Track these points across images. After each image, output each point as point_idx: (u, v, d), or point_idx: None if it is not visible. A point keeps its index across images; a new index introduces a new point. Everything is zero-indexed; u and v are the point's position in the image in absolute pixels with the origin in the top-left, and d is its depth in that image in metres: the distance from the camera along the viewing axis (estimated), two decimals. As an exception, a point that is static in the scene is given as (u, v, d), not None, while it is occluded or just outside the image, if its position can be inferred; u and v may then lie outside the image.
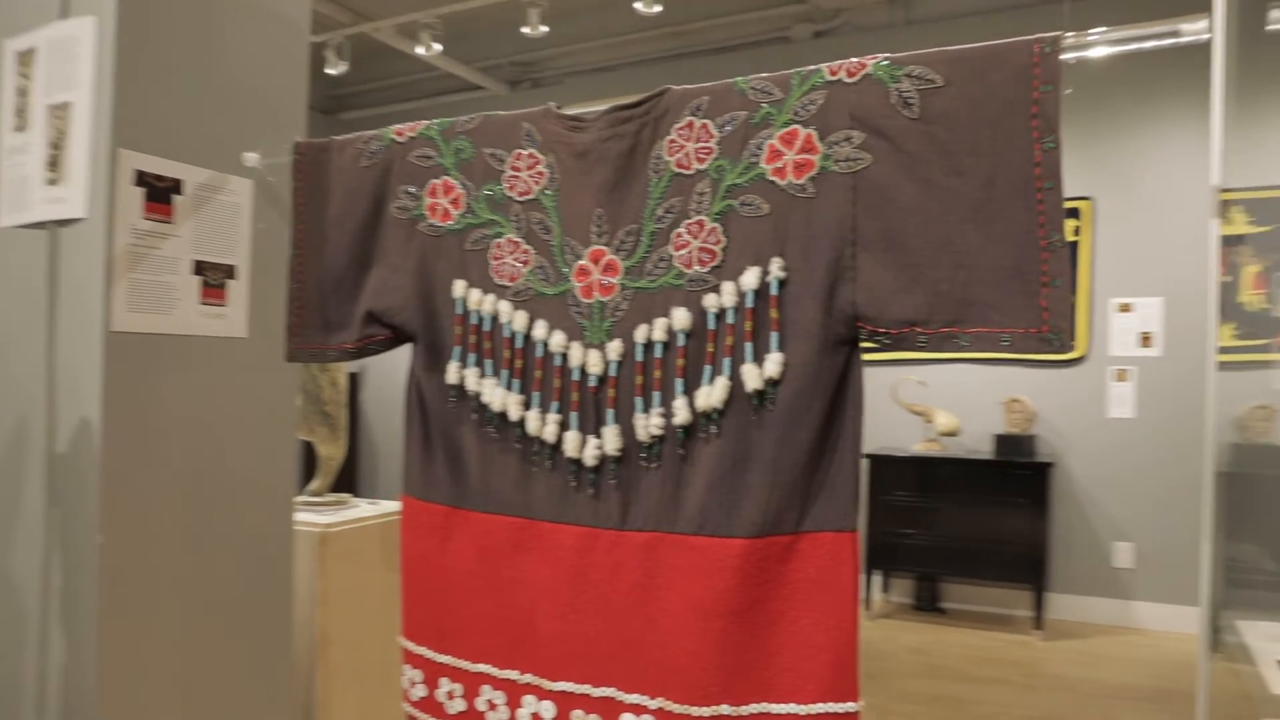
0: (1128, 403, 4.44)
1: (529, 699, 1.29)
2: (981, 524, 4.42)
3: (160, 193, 1.42)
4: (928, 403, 4.75)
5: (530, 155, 1.30)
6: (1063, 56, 1.01)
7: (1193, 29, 0.97)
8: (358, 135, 1.43)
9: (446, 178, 1.36)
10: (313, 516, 1.82)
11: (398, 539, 1.88)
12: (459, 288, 1.34)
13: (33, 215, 1.34)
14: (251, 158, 1.55)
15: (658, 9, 4.45)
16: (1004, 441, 4.53)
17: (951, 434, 4.60)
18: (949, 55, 1.06)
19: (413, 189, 1.38)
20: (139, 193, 1.39)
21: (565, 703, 1.26)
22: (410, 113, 6.23)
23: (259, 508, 1.57)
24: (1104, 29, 1.01)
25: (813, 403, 1.12)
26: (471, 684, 1.33)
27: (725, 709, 1.16)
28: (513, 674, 1.30)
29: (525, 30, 4.69)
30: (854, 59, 1.12)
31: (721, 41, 5.43)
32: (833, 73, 1.12)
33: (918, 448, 4.70)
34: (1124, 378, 4.47)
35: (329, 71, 5.09)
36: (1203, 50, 1.06)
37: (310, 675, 1.66)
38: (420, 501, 1.39)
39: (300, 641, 1.70)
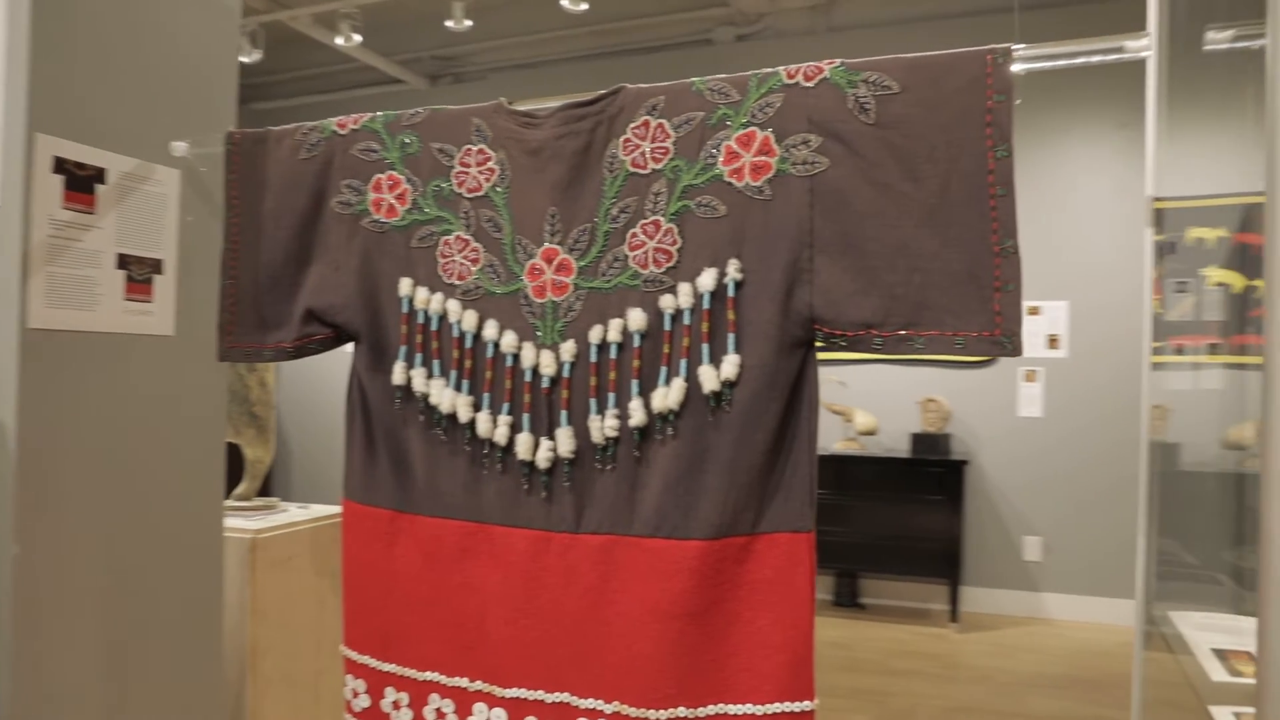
0: (1036, 402, 4.62)
1: (479, 707, 1.26)
2: (899, 521, 4.54)
3: (81, 181, 1.34)
4: (847, 403, 4.86)
5: (480, 151, 1.27)
6: (1014, 68, 1.04)
7: (1136, 45, 1.00)
8: (296, 126, 1.38)
9: (392, 172, 1.32)
10: (241, 522, 1.75)
11: (329, 544, 1.82)
12: (405, 286, 1.30)
13: (-62, 204, 1.25)
14: (180, 147, 1.48)
15: (584, 7, 4.43)
16: (920, 440, 4.66)
17: (870, 433, 4.71)
18: (904, 62, 1.08)
19: (356, 183, 1.33)
20: (58, 181, 1.31)
21: (517, 709, 1.24)
22: (325, 104, 6.06)
23: (187, 515, 1.50)
24: (1052, 43, 1.04)
25: (769, 404, 1.13)
26: (419, 693, 1.30)
27: (682, 711, 1.16)
28: (462, 681, 1.27)
29: (449, 24, 4.61)
30: (811, 63, 1.13)
31: (645, 42, 5.45)
32: (790, 76, 1.13)
33: (838, 446, 4.80)
34: (1033, 378, 4.65)
35: (242, 59, 4.90)
36: (1118, 63, 1.10)
37: (241, 687, 1.59)
38: (363, 506, 1.35)
39: (230, 652, 1.63)
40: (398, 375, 1.29)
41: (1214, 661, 0.93)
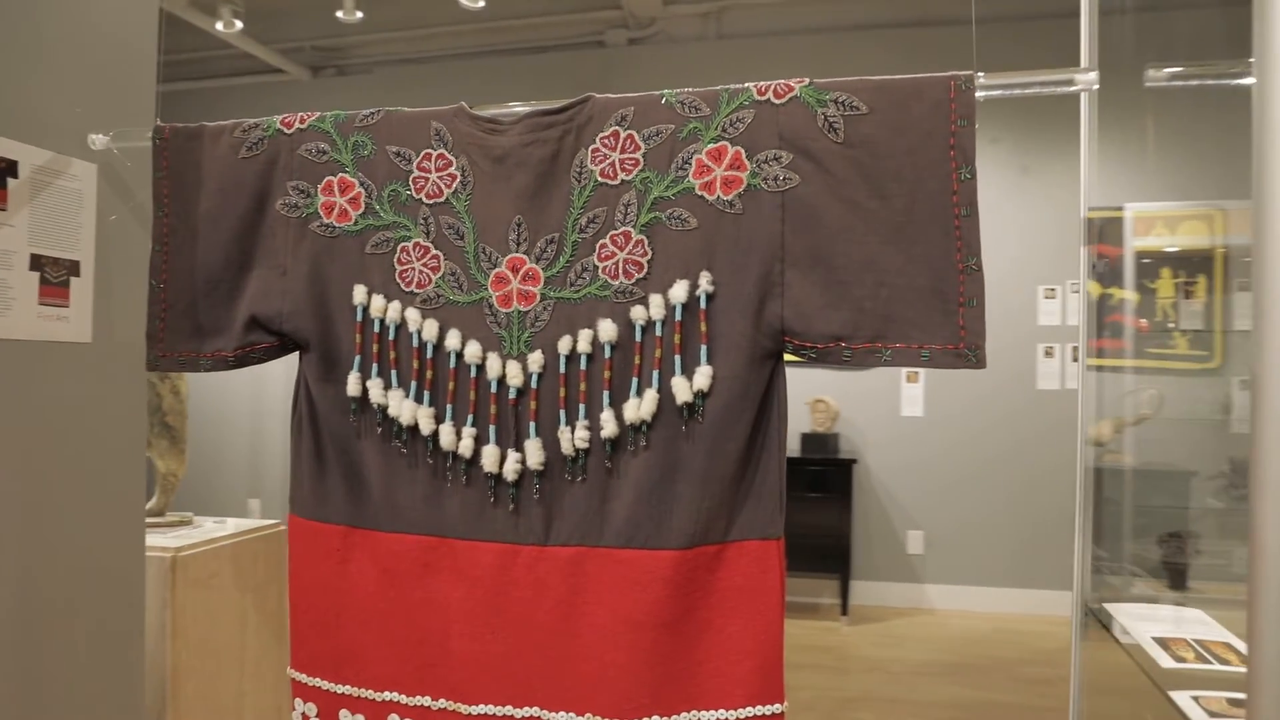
0: (918, 402, 4.86)
1: (441, 726, 1.23)
2: (791, 518, 4.67)
3: (-9, 176, 1.23)
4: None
5: (441, 156, 1.24)
6: (978, 95, 1.10)
7: (1085, 80, 1.08)
8: (234, 123, 1.31)
9: (343, 175, 1.27)
10: (158, 539, 1.62)
11: (251, 560, 1.75)
12: (359, 293, 1.25)
13: None
14: (99, 140, 1.37)
15: (481, 4, 4.36)
16: (810, 440, 4.82)
17: (763, 433, 4.83)
18: (872, 84, 1.12)
19: (303, 185, 1.28)
20: (-35, 176, 1.20)
21: (483, 727, 1.22)
22: (197, 92, 5.74)
23: (105, 534, 1.40)
24: (1007, 74, 1.10)
25: (741, 414, 1.15)
26: (377, 713, 1.26)
27: (656, 719, 1.17)
28: (424, 700, 1.24)
29: (340, 15, 4.45)
30: (779, 80, 1.15)
31: (537, 42, 5.41)
32: (760, 92, 1.15)
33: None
34: (914, 379, 4.88)
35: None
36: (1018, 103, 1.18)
37: (161, 715, 1.49)
38: (312, 522, 1.29)
39: (149, 678, 1.52)
40: (352, 386, 1.25)
41: (1158, 650, 1.02)
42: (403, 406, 1.22)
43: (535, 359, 1.19)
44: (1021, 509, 4.57)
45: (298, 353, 1.30)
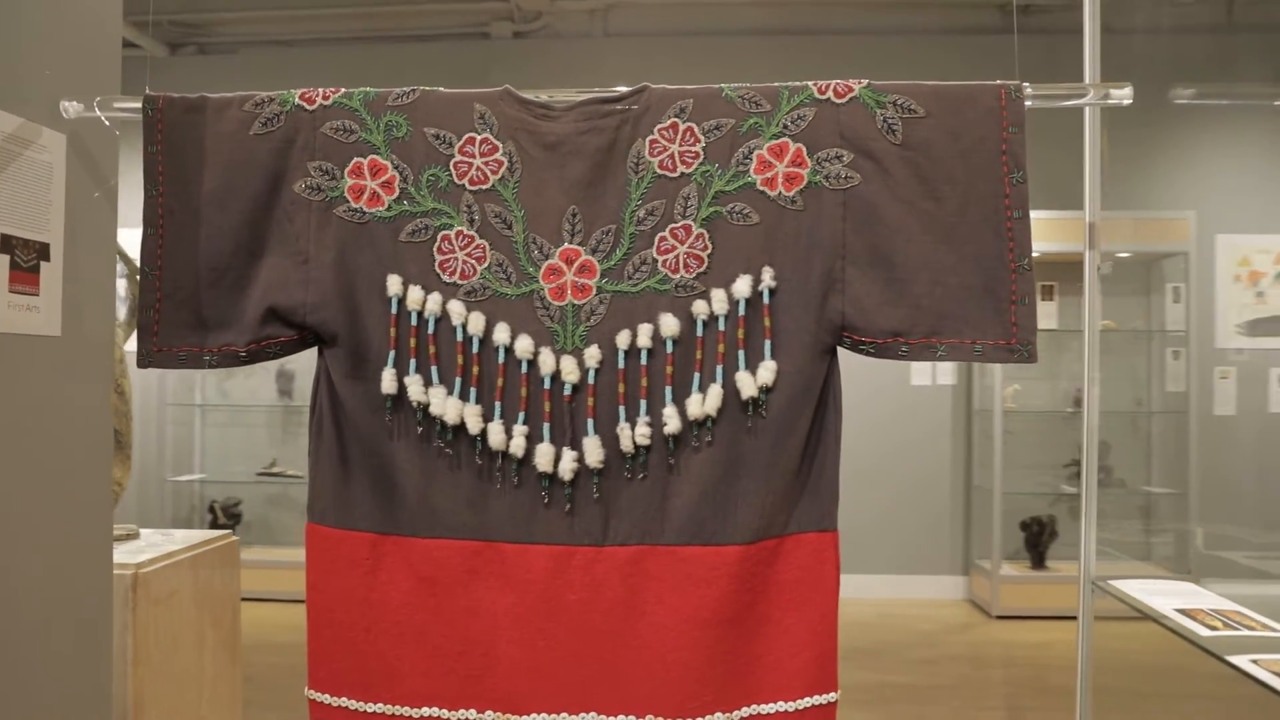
0: (800, 399, 5.03)
1: (489, 738, 1.17)
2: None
3: (-40, 143, 1.07)
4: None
5: (485, 140, 1.18)
6: (1027, 104, 1.16)
7: (1120, 94, 1.16)
8: (242, 96, 1.19)
9: (375, 156, 1.18)
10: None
11: (209, 575, 1.64)
12: (394, 284, 1.17)
13: None
14: (72, 107, 1.22)
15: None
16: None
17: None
18: (928, 89, 1.16)
19: (328, 166, 1.18)
20: (-64, 141, 1.04)
21: (536, 735, 1.17)
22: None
23: (70, 549, 1.24)
24: (1050, 84, 1.17)
25: (803, 409, 1.16)
26: (413, 731, 1.18)
27: (719, 717, 1.16)
28: (469, 713, 1.18)
29: (211, -13, 4.14)
30: (839, 80, 1.17)
31: (417, 30, 5.23)
32: (821, 91, 1.16)
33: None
34: (795, 377, 5.06)
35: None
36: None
37: (129, 752, 1.33)
38: (337, 530, 1.20)
39: (115, 710, 1.36)
40: (387, 383, 1.17)
41: (1189, 621, 1.11)
42: (446, 404, 1.16)
43: (592, 354, 1.16)
44: (902, 501, 4.81)
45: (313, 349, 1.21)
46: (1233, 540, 4.46)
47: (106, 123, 1.22)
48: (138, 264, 1.19)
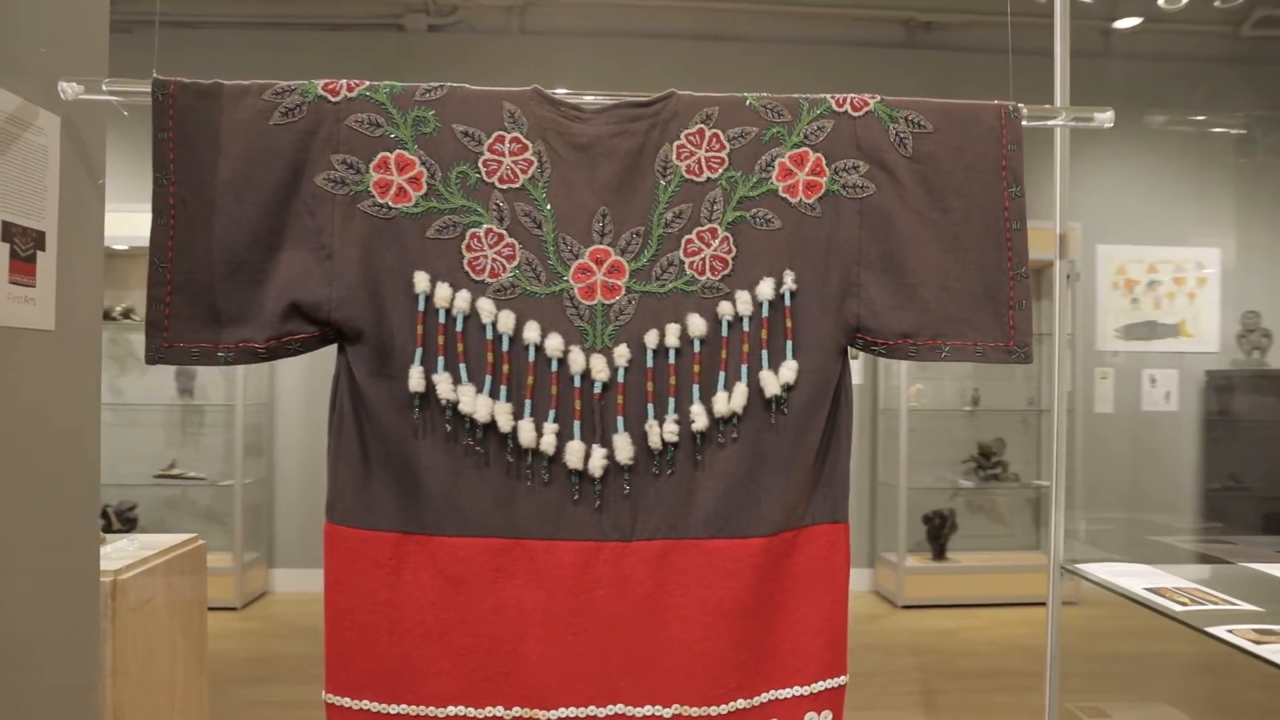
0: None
1: (516, 734, 1.18)
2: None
3: (-36, 124, 1.01)
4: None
5: (515, 139, 1.19)
6: (1024, 123, 1.25)
7: (1103, 117, 1.26)
8: (261, 84, 1.16)
9: (402, 151, 1.17)
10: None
11: (181, 580, 1.59)
12: (421, 281, 1.17)
13: None
14: (70, 89, 1.15)
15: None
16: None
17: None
18: (935, 106, 1.23)
19: (352, 160, 1.17)
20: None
21: (563, 729, 1.18)
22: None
23: (57, 557, 1.18)
24: (1040, 106, 1.26)
25: (821, 406, 1.22)
26: (438, 731, 1.17)
27: (741, 703, 1.20)
28: (495, 710, 1.18)
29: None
30: (854, 95, 1.23)
31: (328, 18, 5.07)
32: (838, 104, 1.22)
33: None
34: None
35: None
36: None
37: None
38: (358, 530, 1.18)
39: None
40: (415, 381, 1.16)
41: (1161, 599, 1.22)
42: (477, 402, 1.16)
43: (621, 352, 1.18)
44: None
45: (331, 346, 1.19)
46: (1109, 527, 4.82)
47: (123, 111, 1.16)
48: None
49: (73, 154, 1.20)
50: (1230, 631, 1.10)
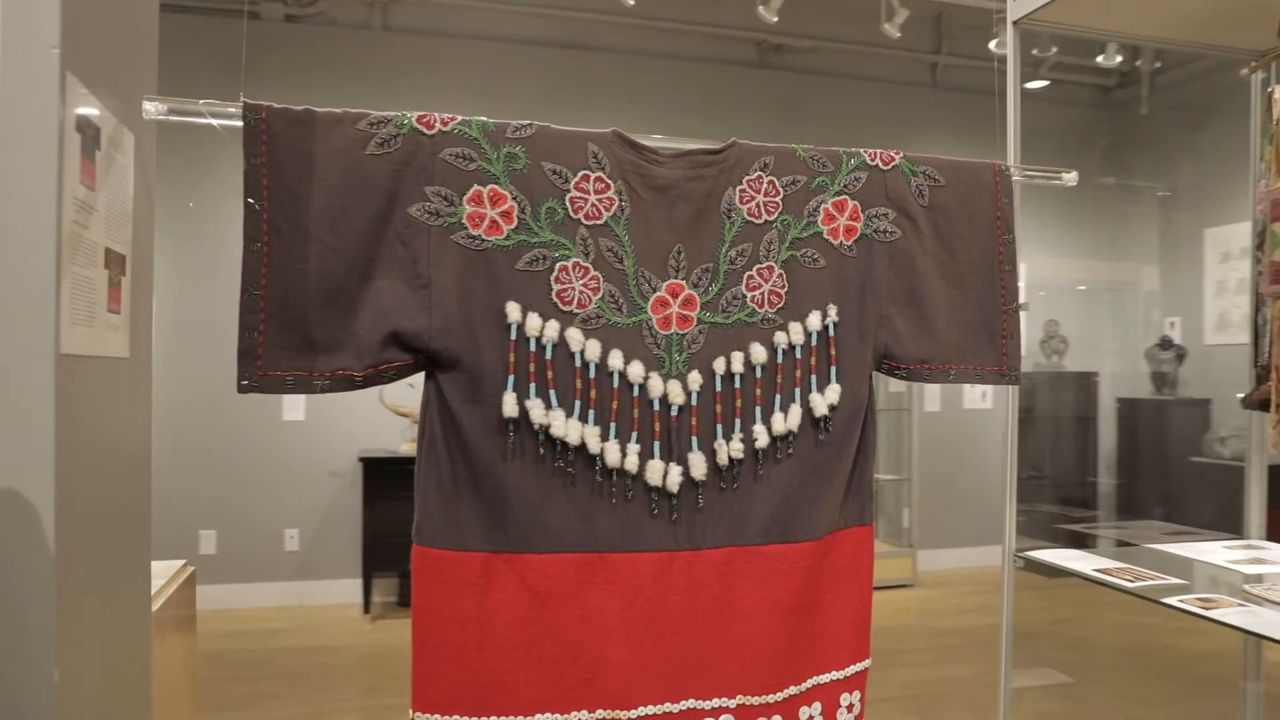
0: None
1: (601, 735, 1.26)
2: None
3: (87, 145, 0.97)
4: (412, 405, 4.90)
5: (599, 179, 1.27)
6: (1014, 179, 1.46)
7: (1069, 177, 1.51)
8: (354, 114, 1.17)
9: (494, 186, 1.22)
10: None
11: (175, 610, 1.60)
12: (514, 311, 1.22)
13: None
14: (154, 108, 1.12)
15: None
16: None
17: (438, 434, 4.84)
18: (945, 163, 1.43)
19: (446, 192, 1.20)
20: (76, 143, 0.93)
21: (643, 728, 1.27)
22: None
23: (113, 599, 1.14)
24: (1020, 166, 1.49)
25: (856, 423, 1.38)
26: (528, 739, 1.23)
27: (792, 690, 1.34)
28: (580, 715, 1.25)
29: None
30: (883, 150, 1.40)
31: (179, 1, 4.74)
32: (870, 158, 1.39)
33: (405, 448, 4.83)
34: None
35: None
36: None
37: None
38: (448, 551, 1.22)
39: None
40: (509, 407, 1.21)
41: (1112, 578, 1.47)
42: (568, 426, 1.23)
43: (694, 378, 1.29)
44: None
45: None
46: (959, 515, 5.36)
47: (218, 125, 1.13)
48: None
49: (141, 175, 1.16)
50: (1181, 601, 1.36)
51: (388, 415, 4.87)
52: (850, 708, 1.40)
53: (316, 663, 3.93)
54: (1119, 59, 5.14)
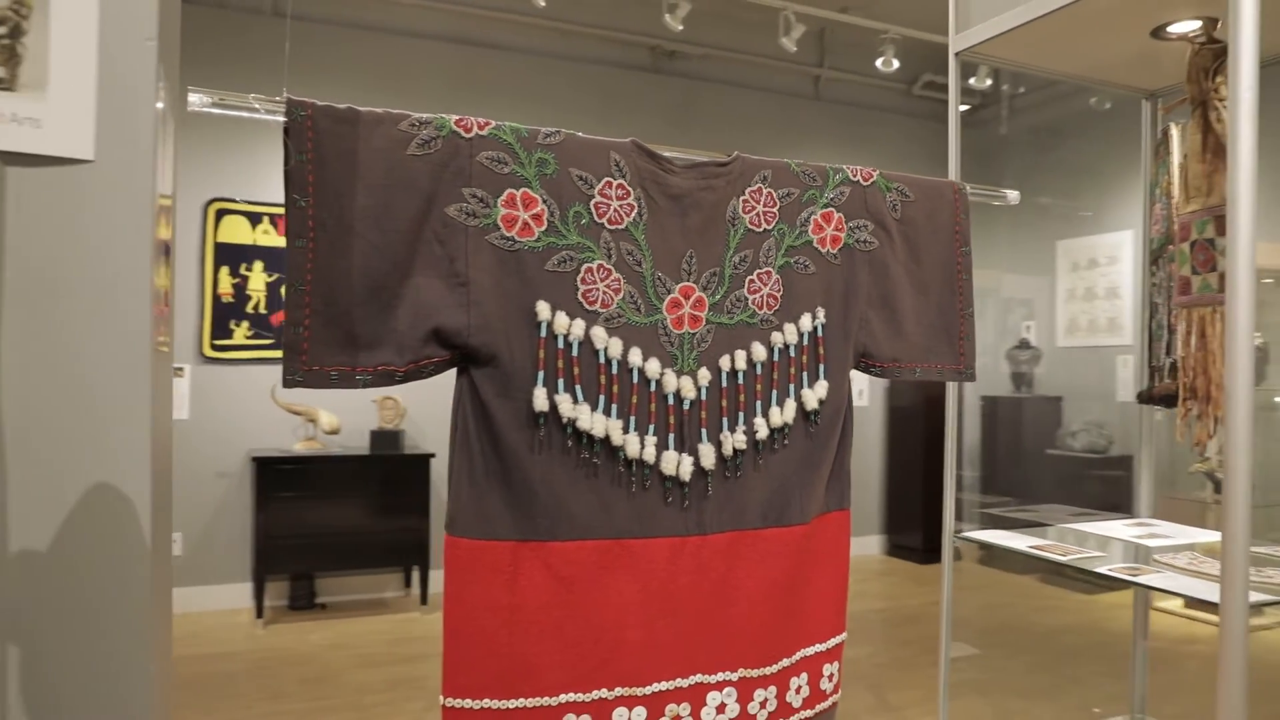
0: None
1: (620, 711, 1.34)
2: (366, 516, 4.69)
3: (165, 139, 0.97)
4: (307, 403, 4.77)
5: (620, 186, 1.34)
6: (970, 196, 1.63)
7: (1011, 195, 1.69)
8: (396, 114, 1.21)
9: (527, 190, 1.28)
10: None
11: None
12: (544, 309, 1.28)
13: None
14: (199, 100, 1.11)
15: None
16: (379, 437, 4.87)
17: (334, 433, 4.74)
18: (915, 180, 1.58)
19: (481, 194, 1.25)
20: (171, 134, 0.93)
21: (657, 702, 1.36)
22: None
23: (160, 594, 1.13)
24: (973, 185, 1.66)
25: (839, 415, 1.51)
26: (553, 718, 1.29)
27: (784, 662, 1.46)
28: (601, 693, 1.32)
29: None
30: (862, 167, 1.54)
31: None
32: (852, 174, 1.52)
33: (299, 447, 4.69)
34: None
35: None
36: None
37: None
38: (479, 541, 1.26)
39: None
40: (540, 401, 1.27)
41: (1047, 553, 1.66)
42: (594, 420, 1.30)
43: (704, 374, 1.38)
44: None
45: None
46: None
47: (283, 119, 1.13)
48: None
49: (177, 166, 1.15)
50: (1111, 570, 1.56)
51: (278, 414, 4.72)
52: (830, 676, 1.53)
53: (213, 671, 3.78)
54: (989, 81, 5.57)
